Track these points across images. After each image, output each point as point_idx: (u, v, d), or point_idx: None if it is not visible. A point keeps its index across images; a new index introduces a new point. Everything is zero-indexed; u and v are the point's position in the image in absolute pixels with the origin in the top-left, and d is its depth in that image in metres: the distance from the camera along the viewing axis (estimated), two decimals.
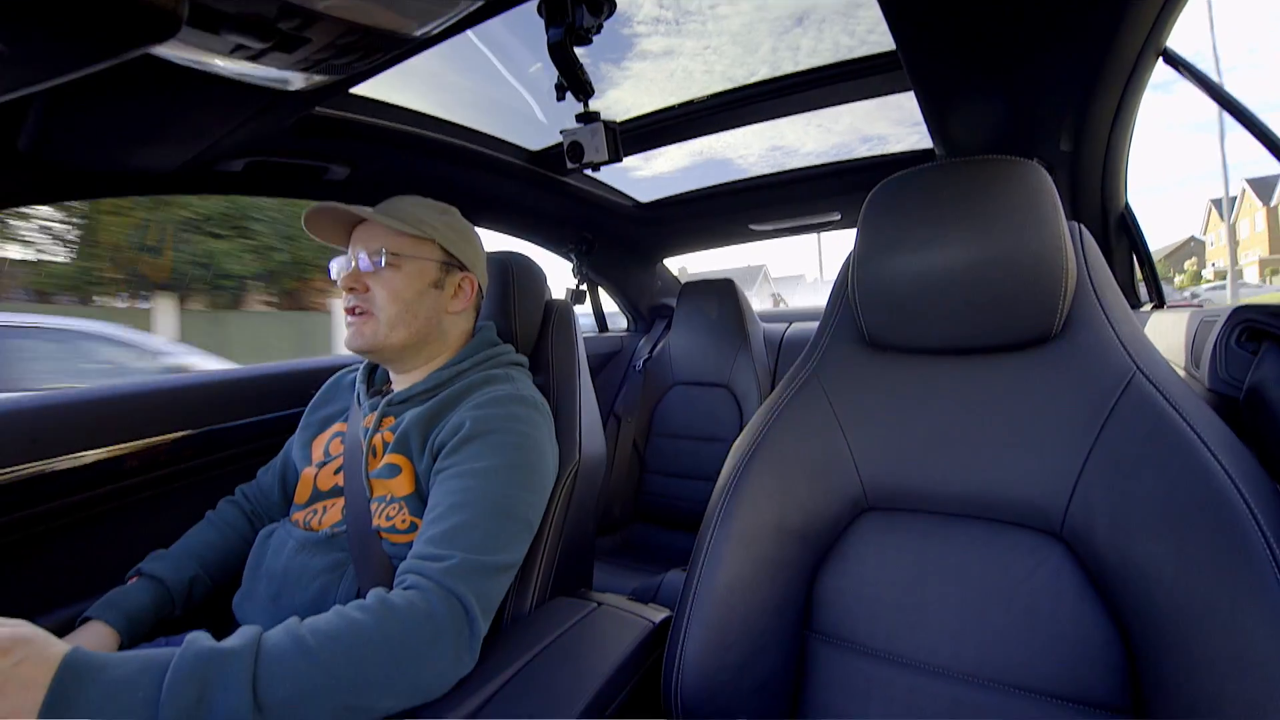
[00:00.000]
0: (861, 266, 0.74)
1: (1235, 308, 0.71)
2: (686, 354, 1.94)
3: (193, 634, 0.53)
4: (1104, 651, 0.57)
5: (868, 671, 0.66)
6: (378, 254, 0.81)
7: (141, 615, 0.77)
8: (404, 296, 0.82)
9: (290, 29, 0.54)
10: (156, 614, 0.79)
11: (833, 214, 1.70)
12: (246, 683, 0.49)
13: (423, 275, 0.84)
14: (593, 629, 0.76)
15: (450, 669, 0.61)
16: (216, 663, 0.50)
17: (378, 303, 0.81)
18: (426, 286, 0.85)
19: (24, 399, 0.86)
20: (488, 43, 1.09)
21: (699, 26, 1.12)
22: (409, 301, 0.82)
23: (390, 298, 0.81)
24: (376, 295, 0.81)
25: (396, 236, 0.83)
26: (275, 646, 0.53)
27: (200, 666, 0.49)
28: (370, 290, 0.81)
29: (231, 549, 0.89)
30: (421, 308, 0.84)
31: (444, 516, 0.68)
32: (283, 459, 0.96)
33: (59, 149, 0.77)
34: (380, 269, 0.81)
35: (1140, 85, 0.86)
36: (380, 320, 0.81)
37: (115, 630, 0.73)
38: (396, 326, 0.82)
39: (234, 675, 0.50)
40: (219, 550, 0.88)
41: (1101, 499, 0.59)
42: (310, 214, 0.83)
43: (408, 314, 0.82)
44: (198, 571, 0.84)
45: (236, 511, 0.94)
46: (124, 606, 0.76)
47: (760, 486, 0.71)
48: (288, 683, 0.51)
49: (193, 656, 0.50)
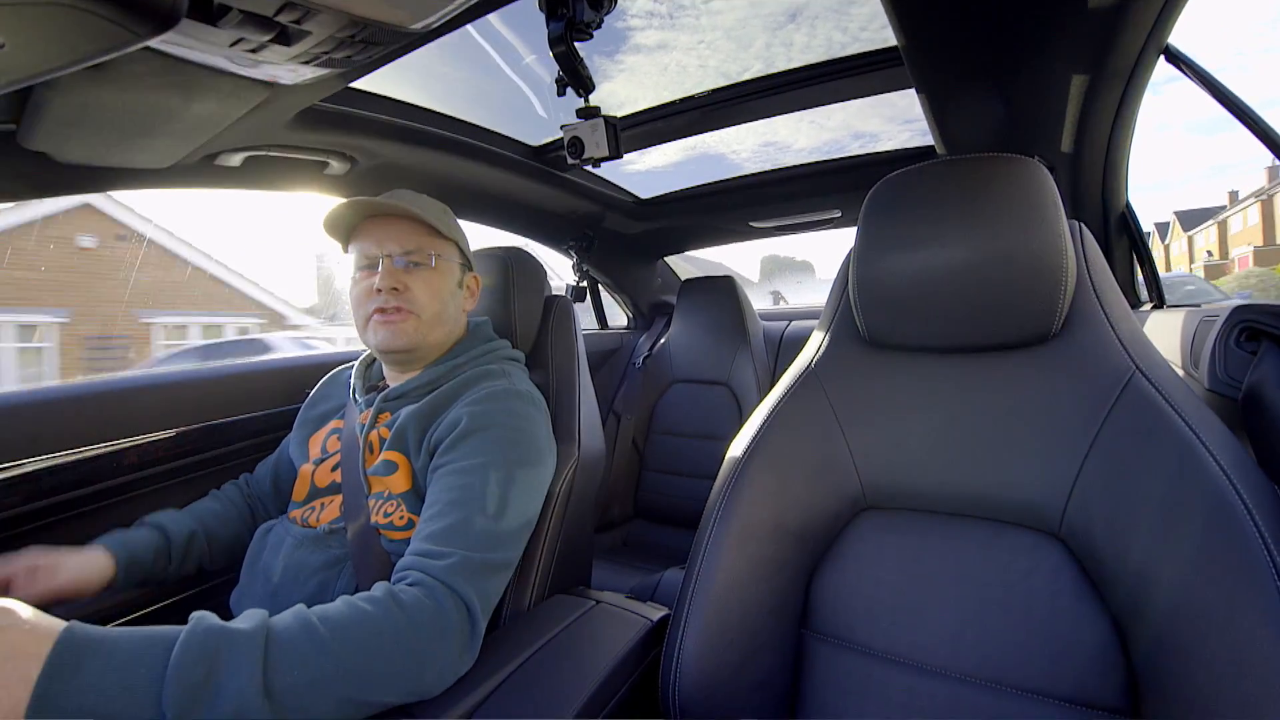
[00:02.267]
0: (861, 264, 0.74)
1: (1235, 308, 0.71)
2: (686, 352, 1.94)
3: (199, 613, 0.51)
4: (1101, 651, 0.57)
5: (865, 671, 0.66)
6: (417, 253, 0.81)
7: (141, 555, 0.77)
8: (442, 295, 0.83)
9: (289, 22, 0.54)
10: (154, 561, 0.79)
11: (833, 211, 1.69)
12: (257, 664, 0.48)
13: (452, 274, 0.86)
14: (591, 627, 0.76)
15: (451, 667, 0.61)
16: (226, 641, 0.49)
17: (420, 301, 0.81)
18: (455, 286, 0.86)
19: (23, 393, 0.86)
20: (487, 37, 1.08)
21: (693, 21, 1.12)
22: (445, 300, 0.84)
23: (432, 296, 0.82)
24: (418, 294, 0.81)
25: (429, 235, 0.83)
26: (286, 631, 0.52)
27: (210, 645, 0.48)
28: (411, 289, 0.81)
29: (231, 521, 0.90)
30: (454, 306, 0.86)
31: (442, 513, 0.68)
32: (278, 455, 0.96)
33: (58, 143, 0.77)
34: (417, 268, 0.81)
35: (1142, 83, 0.85)
36: (423, 319, 0.81)
37: (114, 558, 0.74)
38: (435, 325, 0.83)
39: (245, 656, 0.48)
40: (219, 518, 0.88)
41: (1100, 498, 0.59)
42: (345, 207, 0.79)
43: (444, 312, 0.84)
44: (196, 529, 0.84)
45: (238, 493, 0.95)
46: (125, 541, 0.77)
47: (759, 485, 0.71)
48: (296, 670, 0.50)
49: (202, 633, 0.48)
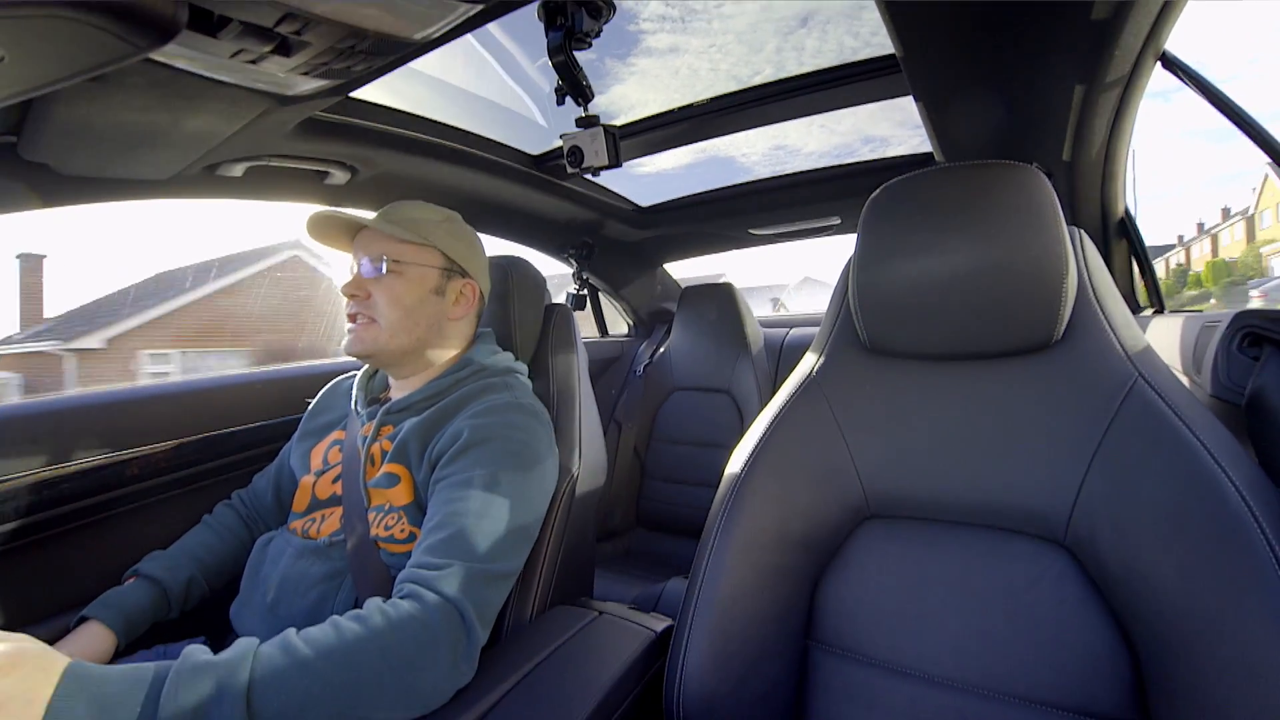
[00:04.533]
0: (861, 271, 0.74)
1: (1237, 313, 0.70)
2: (687, 359, 1.94)
3: (190, 647, 0.54)
4: (1109, 661, 0.56)
5: (870, 681, 0.65)
6: (379, 260, 0.81)
7: (139, 616, 0.76)
8: (405, 302, 0.82)
9: (290, 34, 0.54)
10: (154, 615, 0.79)
11: (832, 218, 1.70)
12: (241, 695, 0.50)
13: (424, 281, 0.84)
14: (593, 638, 0.75)
15: (447, 679, 0.60)
16: (212, 676, 0.51)
17: (379, 308, 0.81)
18: (428, 293, 0.84)
19: (27, 404, 0.86)
20: (487, 46, 1.09)
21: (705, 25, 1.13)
22: (410, 307, 0.82)
23: (391, 303, 0.81)
24: (378, 301, 0.81)
25: (399, 243, 0.83)
26: (270, 659, 0.53)
27: (197, 680, 0.50)
28: (372, 296, 0.81)
29: (229, 552, 0.89)
30: (423, 314, 0.83)
31: (442, 525, 0.67)
32: (278, 465, 0.95)
33: (60, 154, 0.77)
34: (382, 275, 0.81)
35: (1139, 89, 0.86)
36: (381, 326, 0.81)
37: (112, 631, 0.73)
38: (397, 333, 0.81)
39: (229, 688, 0.50)
40: (216, 553, 0.88)
41: (1104, 506, 0.58)
42: (312, 220, 0.83)
43: (409, 320, 0.82)
44: (194, 573, 0.84)
45: (234, 516, 0.93)
46: (121, 606, 0.75)
47: (762, 494, 0.71)
48: (282, 694, 0.51)
49: (189, 671, 0.51)
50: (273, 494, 0.94)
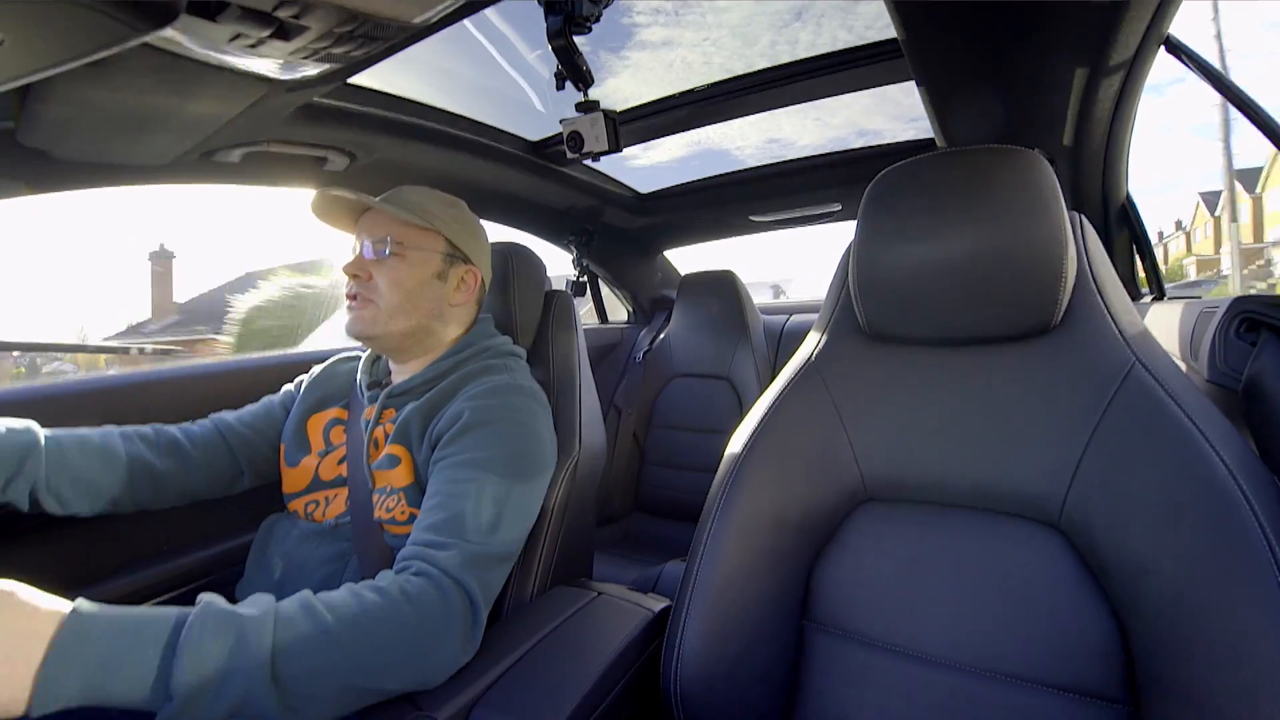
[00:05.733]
0: (861, 256, 0.74)
1: (1234, 299, 0.71)
2: (686, 346, 1.94)
3: (207, 595, 0.52)
4: (1100, 642, 0.57)
5: (865, 661, 0.66)
6: (382, 242, 0.81)
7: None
8: (406, 286, 0.82)
9: (288, 17, 0.54)
10: None
11: (833, 205, 1.69)
12: (266, 651, 0.49)
13: (426, 265, 0.84)
14: (593, 618, 0.76)
15: (454, 657, 0.61)
16: (236, 625, 0.49)
17: (380, 290, 0.81)
18: (429, 277, 0.84)
19: (23, 390, 0.86)
20: (485, 31, 1.08)
21: (698, 18, 1.12)
22: (410, 291, 0.82)
23: (392, 286, 0.81)
24: (379, 283, 0.81)
25: (402, 226, 0.83)
26: (292, 619, 0.53)
27: (220, 630, 0.48)
28: (373, 278, 0.81)
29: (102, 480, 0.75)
30: (423, 298, 0.84)
31: (443, 505, 0.68)
32: (266, 417, 0.91)
33: (58, 140, 0.77)
34: (384, 257, 0.81)
35: (1142, 74, 0.85)
36: (380, 308, 0.81)
37: None
38: (396, 315, 0.82)
39: (254, 642, 0.49)
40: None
41: (1099, 490, 0.59)
42: (317, 200, 0.83)
43: (408, 303, 0.82)
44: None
45: (145, 448, 0.81)
46: None
47: (759, 478, 0.72)
48: (304, 657, 0.51)
49: (213, 616, 0.49)
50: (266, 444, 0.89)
